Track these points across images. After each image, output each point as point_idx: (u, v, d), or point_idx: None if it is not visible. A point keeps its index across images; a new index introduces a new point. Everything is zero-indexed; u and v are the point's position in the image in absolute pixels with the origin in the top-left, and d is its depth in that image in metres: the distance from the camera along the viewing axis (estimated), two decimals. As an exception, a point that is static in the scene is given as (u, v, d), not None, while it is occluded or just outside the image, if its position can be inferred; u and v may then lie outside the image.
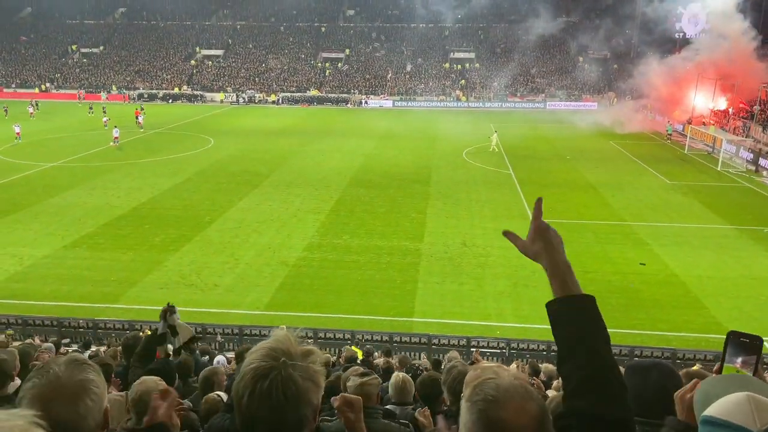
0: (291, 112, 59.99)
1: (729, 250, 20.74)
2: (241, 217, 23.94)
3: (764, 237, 22.04)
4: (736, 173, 33.24)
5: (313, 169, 32.97)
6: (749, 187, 30.24)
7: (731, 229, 22.96)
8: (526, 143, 41.29)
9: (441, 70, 71.04)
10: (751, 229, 22.92)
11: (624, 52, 68.12)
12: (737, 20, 45.59)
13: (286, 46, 76.13)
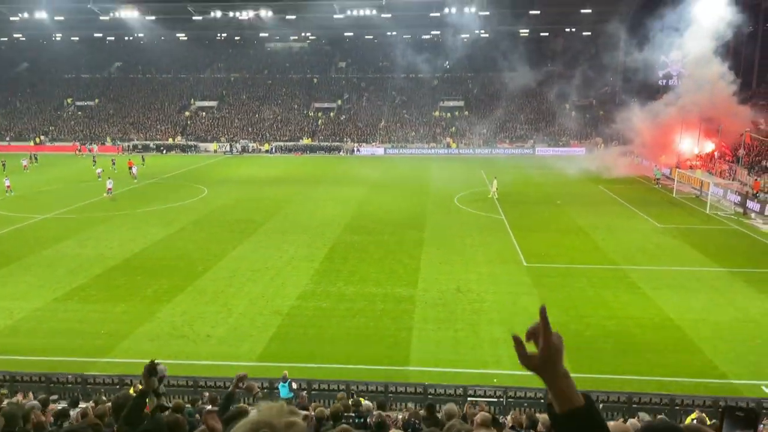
0: (284, 160, 60.63)
1: (722, 292, 20.82)
2: (234, 266, 23.89)
3: (757, 279, 22.16)
4: (725, 216, 33.65)
5: (307, 217, 33.13)
6: (738, 230, 30.57)
7: (723, 272, 23.09)
8: (517, 188, 41.77)
9: (431, 118, 72.36)
10: (743, 272, 23.06)
11: (609, 98, 69.81)
12: (715, 64, 46.99)
13: (279, 96, 77.55)
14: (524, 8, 66.87)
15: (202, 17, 70.79)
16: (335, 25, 75.49)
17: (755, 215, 33.24)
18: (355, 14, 67.97)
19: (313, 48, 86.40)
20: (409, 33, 76.10)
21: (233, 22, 73.32)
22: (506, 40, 79.55)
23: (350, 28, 77.36)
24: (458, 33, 74.26)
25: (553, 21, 73.18)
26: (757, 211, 33.49)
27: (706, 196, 36.78)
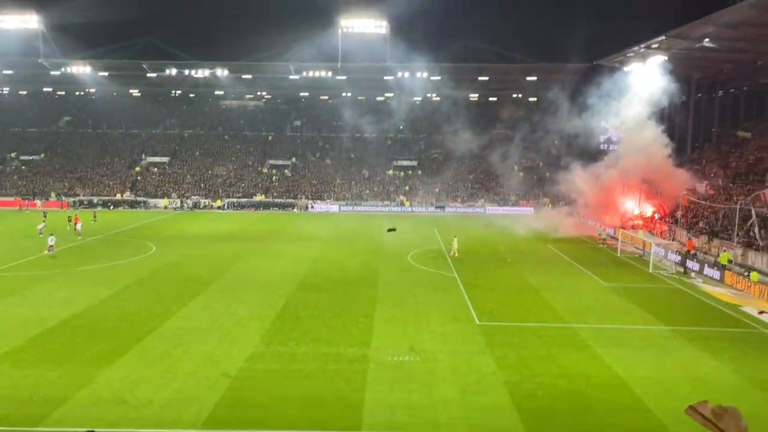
0: (237, 217, 59.95)
1: (667, 351, 21.32)
2: (181, 327, 23.04)
3: (699, 337, 22.83)
4: (667, 275, 34.90)
5: (259, 275, 32.55)
6: (680, 288, 31.68)
7: (667, 330, 23.72)
8: (468, 246, 42.34)
9: (385, 177, 73.46)
10: (686, 330, 23.76)
11: (554, 160, 72.68)
12: (651, 130, 49.82)
13: (233, 153, 77.45)
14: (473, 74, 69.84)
15: (156, 74, 70.84)
16: (291, 86, 76.92)
17: (695, 274, 34.61)
18: (310, 75, 69.46)
19: (268, 106, 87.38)
20: (363, 95, 78.11)
21: (188, 79, 73.74)
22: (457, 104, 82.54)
23: (306, 88, 78.93)
24: (411, 96, 76.72)
25: (501, 87, 76.58)
26: (696, 270, 34.90)
27: (648, 256, 38.16)
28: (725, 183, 46.63)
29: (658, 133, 49.80)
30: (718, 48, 46.06)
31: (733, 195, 42.44)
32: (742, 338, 23.04)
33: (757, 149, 48.92)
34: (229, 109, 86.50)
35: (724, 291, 31.01)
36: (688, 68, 54.87)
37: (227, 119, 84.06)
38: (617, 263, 38.38)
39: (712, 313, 26.85)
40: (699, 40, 43.98)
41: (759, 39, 42.30)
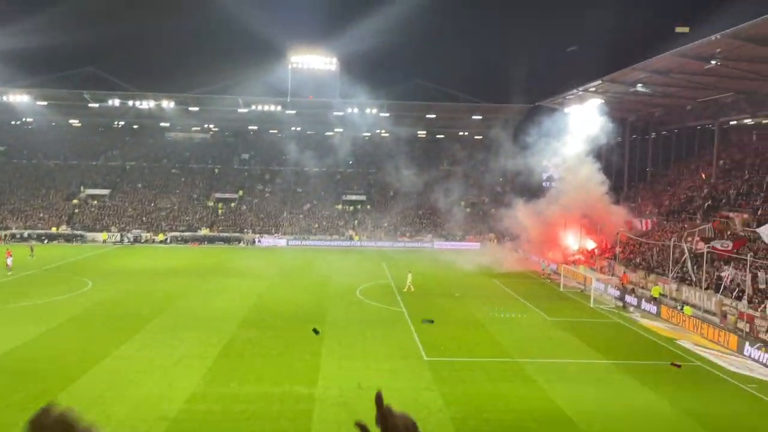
0: (180, 251, 58.34)
1: (608, 384, 21.79)
2: (116, 367, 21.98)
3: (638, 371, 23.47)
4: (607, 309, 35.94)
5: (202, 311, 31.59)
6: (619, 323, 32.63)
7: (608, 364, 24.29)
8: (417, 281, 42.36)
9: (334, 211, 73.34)
10: (626, 363, 24.39)
11: (499, 197, 74.41)
12: (589, 169, 51.90)
13: (177, 186, 75.76)
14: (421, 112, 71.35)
15: (98, 105, 69.07)
16: (239, 119, 76.42)
17: (633, 309, 35.78)
18: (259, 109, 69.30)
19: (215, 139, 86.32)
20: (312, 129, 78.39)
21: (132, 110, 72.18)
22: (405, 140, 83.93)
23: (254, 122, 78.57)
24: (360, 131, 77.55)
25: (448, 125, 78.42)
26: (635, 305, 36.11)
27: (589, 291, 39.25)
28: (659, 220, 48.81)
29: (596, 172, 51.95)
30: (650, 92, 48.79)
31: (667, 231, 44.40)
32: (677, 371, 23.80)
33: (688, 188, 51.58)
34: (175, 141, 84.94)
35: (661, 325, 32.14)
36: (623, 111, 57.75)
37: (172, 151, 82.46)
38: (560, 298, 39.27)
39: (649, 347, 27.71)
40: (632, 84, 46.48)
41: (687, 84, 45.07)
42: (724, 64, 37.45)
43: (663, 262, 39.47)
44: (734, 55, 35.95)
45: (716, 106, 49.75)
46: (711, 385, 22.32)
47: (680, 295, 35.42)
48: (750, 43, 32.38)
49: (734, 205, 42.86)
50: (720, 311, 31.09)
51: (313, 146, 79.45)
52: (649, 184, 61.08)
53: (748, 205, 41.43)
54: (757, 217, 38.80)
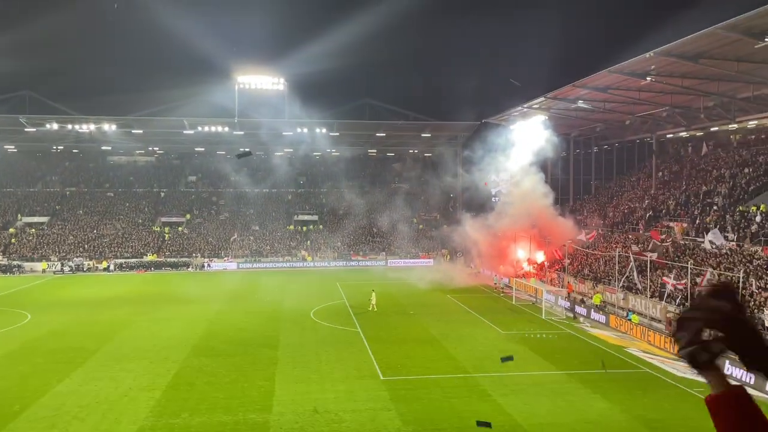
0: (125, 279, 56.30)
1: (562, 395, 22.09)
2: (59, 403, 20.85)
3: (591, 380, 23.89)
4: (558, 320, 36.62)
5: (149, 341, 30.44)
6: (571, 333, 33.27)
7: (561, 375, 24.66)
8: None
9: (286, 232, 72.48)
10: (578, 373, 24.82)
11: (451, 213, 75.34)
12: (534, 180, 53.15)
13: (121, 211, 73.37)
14: (371, 131, 71.66)
15: (36, 129, 66.39)
16: (185, 140, 74.86)
17: (583, 319, 36.58)
18: (206, 130, 68.08)
19: (160, 162, 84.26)
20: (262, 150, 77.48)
21: (72, 134, 69.62)
22: (356, 159, 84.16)
23: (201, 143, 77.12)
24: (310, 151, 77.19)
25: (398, 143, 79.04)
26: (584, 315, 36.93)
27: (541, 303, 39.94)
28: (604, 232, 50.32)
29: (540, 184, 53.30)
30: (591, 108, 50.57)
31: (612, 242, 45.80)
32: (627, 379, 24.39)
33: (630, 200, 53.47)
34: (118, 165, 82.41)
35: (610, 334, 32.94)
36: (566, 126, 59.59)
37: (115, 176, 79.96)
38: (513, 311, 39.79)
39: (599, 355, 28.30)
40: (574, 101, 48.08)
41: (625, 100, 46.94)
42: (659, 80, 39.21)
43: (609, 273, 40.61)
44: (667, 71, 37.72)
45: (653, 120, 51.99)
46: (660, 390, 22.92)
47: (627, 303, 36.46)
48: (681, 59, 34.03)
49: (674, 215, 44.64)
50: (665, 318, 32.12)
51: (263, 167, 78.57)
52: (594, 197, 63.04)
53: (686, 215, 43.22)
54: (695, 225, 40.51)
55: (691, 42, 31.41)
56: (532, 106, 51.60)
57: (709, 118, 46.59)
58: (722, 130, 48.16)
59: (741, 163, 44.52)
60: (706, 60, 33.78)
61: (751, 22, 27.48)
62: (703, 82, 39.35)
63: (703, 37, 30.44)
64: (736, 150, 47.08)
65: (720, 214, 39.76)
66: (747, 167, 43.27)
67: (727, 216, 38.81)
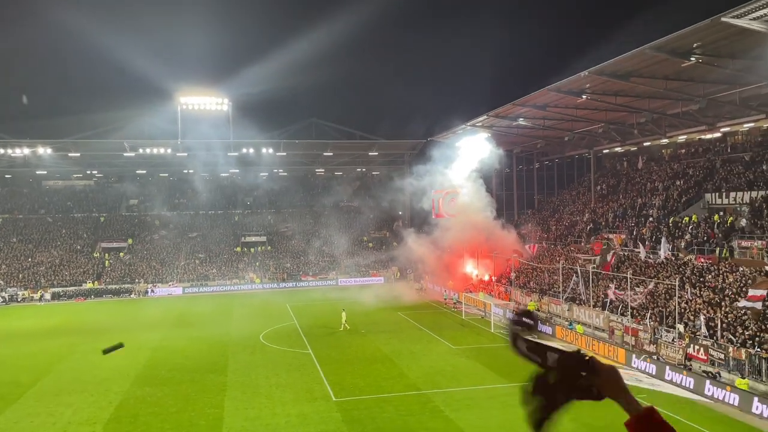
0: (64, 308, 53.80)
1: (513, 407, 22.27)
2: (-11, 444, 19.66)
3: (539, 389, 24.31)
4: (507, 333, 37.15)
5: (89, 372, 29.12)
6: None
7: (512, 387, 24.98)
8: (323, 320, 41.88)
9: (233, 255, 71.12)
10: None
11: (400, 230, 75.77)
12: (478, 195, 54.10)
13: (58, 237, 70.34)
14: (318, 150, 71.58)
15: (-37, 153, 63.17)
16: (126, 163, 72.76)
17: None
18: (148, 152, 66.39)
19: (100, 186, 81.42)
20: (206, 171, 76.16)
21: (3, 158, 66.52)
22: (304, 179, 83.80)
23: (143, 165, 75.12)
24: (257, 172, 76.35)
25: (345, 162, 79.20)
26: (532, 326, 37.59)
27: (490, 316, 40.52)
28: (548, 245, 51.68)
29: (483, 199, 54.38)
30: (532, 126, 52.18)
31: (556, 255, 47.06)
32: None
33: (571, 213, 55.21)
34: (54, 189, 79.15)
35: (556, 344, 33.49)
36: (509, 143, 61.20)
37: (51, 201, 76.71)
38: (463, 326, 40.20)
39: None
40: (515, 119, 49.50)
41: (563, 117, 48.66)
42: (594, 98, 40.88)
43: (554, 284, 41.66)
44: (601, 89, 39.39)
45: (591, 136, 54.06)
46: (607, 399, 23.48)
47: (572, 314, 37.43)
48: (613, 78, 35.63)
49: (613, 227, 46.33)
50: (608, 327, 33.15)
51: (208, 188, 77.06)
52: (537, 211, 64.77)
53: (624, 227, 44.94)
54: (633, 237, 42.14)
55: (623, 62, 32.96)
56: (475, 124, 52.78)
57: (641, 134, 48.83)
58: (654, 145, 50.51)
59: (672, 175, 46.75)
60: (636, 78, 35.48)
61: (677, 42, 29.09)
62: (635, 99, 41.28)
63: (633, 57, 31.98)
64: (668, 163, 49.42)
65: (655, 225, 41.53)
66: (678, 179, 45.47)
67: (662, 227, 40.59)
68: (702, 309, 28.92)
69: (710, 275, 31.74)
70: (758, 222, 34.15)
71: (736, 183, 39.26)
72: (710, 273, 31.95)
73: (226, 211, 78.26)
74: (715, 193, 40.20)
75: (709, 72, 33.50)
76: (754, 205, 35.60)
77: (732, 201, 38.26)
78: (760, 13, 24.23)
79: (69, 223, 73.38)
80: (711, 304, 28.92)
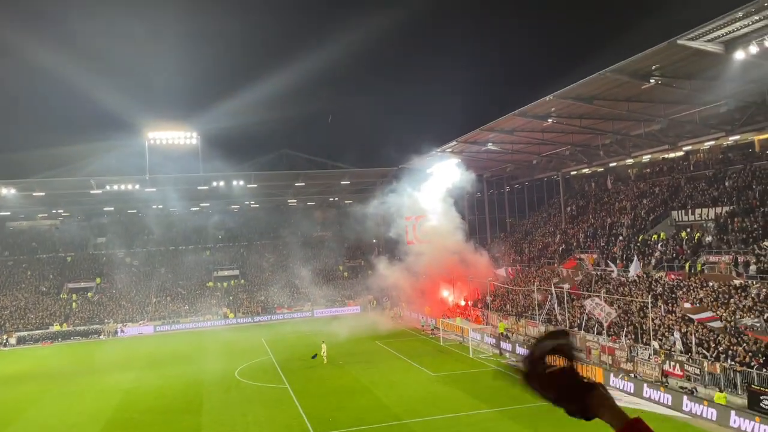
0: (29, 353, 51.91)
1: (495, 432, 22.15)
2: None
3: (522, 415, 24.13)
4: (486, 357, 37.07)
5: (58, 418, 28.02)
6: (498, 369, 33.70)
7: (492, 412, 24.79)
8: (299, 353, 41.10)
9: (205, 290, 69.85)
10: (508, 409, 25.04)
11: (376, 258, 75.52)
12: (450, 220, 54.35)
13: (23, 280, 68.27)
14: (289, 181, 71.35)
15: None
16: (93, 201, 71.36)
17: (509, 354, 37.22)
18: (115, 189, 65.27)
19: (66, 225, 79.50)
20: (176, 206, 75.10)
21: (-36, 200, 64.62)
22: (276, 210, 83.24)
23: (110, 202, 73.74)
24: (228, 204, 75.65)
25: (317, 192, 79.07)
26: (509, 350, 37.60)
27: (468, 342, 40.35)
28: (521, 267, 52.02)
29: (453, 222, 54.69)
30: (501, 150, 52.94)
31: (530, 277, 47.34)
32: (557, 410, 24.76)
33: (543, 235, 55.83)
34: (18, 230, 77.13)
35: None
36: (479, 168, 61.90)
37: (15, 242, 74.64)
38: (442, 352, 39.91)
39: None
40: (484, 143, 50.17)
41: (530, 141, 49.52)
42: (559, 122, 41.76)
43: (529, 307, 41.80)
44: (566, 112, 40.26)
45: (558, 158, 55.05)
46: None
47: (549, 335, 37.46)
48: (577, 101, 36.48)
49: (584, 247, 46.92)
50: (585, 347, 33.26)
51: (178, 223, 76.00)
52: (510, 234, 65.32)
53: (595, 246, 45.55)
54: (605, 256, 42.71)
55: (585, 85, 33.78)
56: (445, 150, 53.34)
57: (607, 155, 49.93)
58: (620, 165, 51.65)
59: (639, 194, 47.75)
60: (599, 101, 36.38)
61: (636, 65, 29.97)
62: (599, 121, 42.28)
63: (595, 81, 32.82)
64: (635, 183, 50.51)
65: (625, 244, 42.18)
66: (645, 198, 46.44)
67: (632, 245, 41.24)
68: (675, 325, 29.27)
69: (681, 291, 32.24)
70: (724, 237, 34.96)
71: (701, 200, 40.27)
72: (681, 289, 32.46)
73: (197, 246, 77.12)
74: (681, 210, 41.11)
75: (668, 93, 34.57)
76: (719, 221, 36.49)
77: (698, 217, 39.15)
78: (714, 35, 25.20)
79: (34, 264, 71.38)
80: (684, 320, 29.30)
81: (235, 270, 74.73)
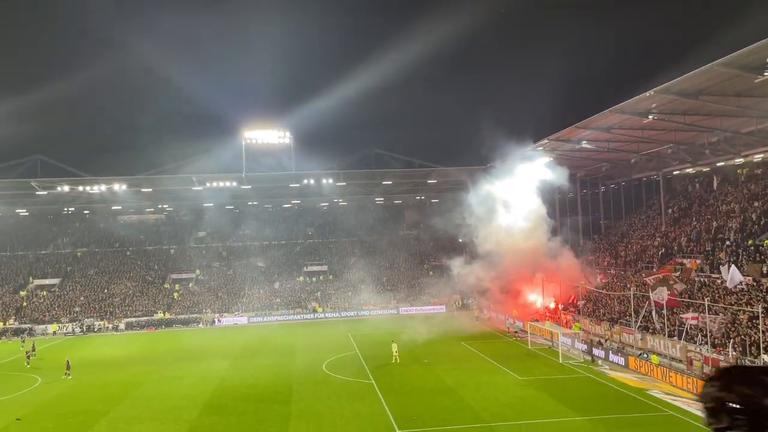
0: (136, 338, 55.90)
1: (586, 441, 21.31)
2: (67, 470, 20.36)
3: (615, 425, 23.10)
4: (576, 364, 35.73)
5: (160, 400, 29.94)
6: (589, 377, 32.39)
7: (583, 421, 23.86)
8: (385, 350, 41.41)
9: (296, 284, 72.14)
10: (600, 418, 24.02)
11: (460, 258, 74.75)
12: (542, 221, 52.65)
13: (132, 269, 73.57)
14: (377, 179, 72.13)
15: (47, 192, 67.31)
16: (194, 197, 75.58)
17: (602, 362, 35.68)
18: (214, 186, 68.78)
19: (170, 219, 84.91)
20: (270, 203, 78.15)
21: (82, 196, 70.48)
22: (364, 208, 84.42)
23: (210, 199, 77.81)
24: (318, 202, 77.71)
25: (405, 190, 79.42)
26: (602, 357, 36.04)
27: (557, 346, 39.08)
28: (617, 272, 49.67)
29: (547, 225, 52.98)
30: (596, 149, 50.78)
31: (627, 282, 45.11)
32: (652, 423, 23.56)
33: (641, 238, 53.00)
34: (128, 224, 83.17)
35: (630, 376, 32.04)
36: (572, 167, 59.60)
37: (125, 234, 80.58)
38: (529, 356, 38.92)
39: (621, 399, 27.47)
40: (578, 142, 48.31)
41: (629, 139, 47.15)
42: (661, 118, 39.43)
43: (624, 313, 39.84)
44: (668, 108, 37.96)
45: (659, 157, 52.02)
46: (686, 434, 22.08)
47: (645, 344, 35.60)
48: (681, 97, 34.30)
49: (686, 251, 44.10)
50: (686, 358, 31.28)
51: (271, 219, 79.00)
52: (604, 237, 62.56)
53: (699, 251, 42.69)
54: (709, 261, 39.94)
55: (690, 79, 31.72)
56: (536, 148, 51.88)
57: (714, 154, 46.62)
58: (728, 165, 48.03)
59: (750, 197, 44.23)
60: (706, 96, 34.03)
61: (747, 58, 27.78)
62: (705, 118, 39.52)
63: (701, 74, 30.73)
64: (744, 184, 46.85)
65: (732, 249, 39.24)
66: (756, 201, 42.96)
67: (740, 251, 38.28)
68: (791, 338, 26.90)
69: (798, 302, 29.57)
70: None
71: (822, 202, 36.70)
72: (798, 299, 29.77)
73: (289, 242, 79.73)
74: (799, 213, 37.67)
75: (785, 86, 31.76)
76: None
77: (818, 222, 35.72)
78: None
79: (141, 255, 76.69)
80: (801, 333, 26.86)
81: (323, 266, 76.66)
